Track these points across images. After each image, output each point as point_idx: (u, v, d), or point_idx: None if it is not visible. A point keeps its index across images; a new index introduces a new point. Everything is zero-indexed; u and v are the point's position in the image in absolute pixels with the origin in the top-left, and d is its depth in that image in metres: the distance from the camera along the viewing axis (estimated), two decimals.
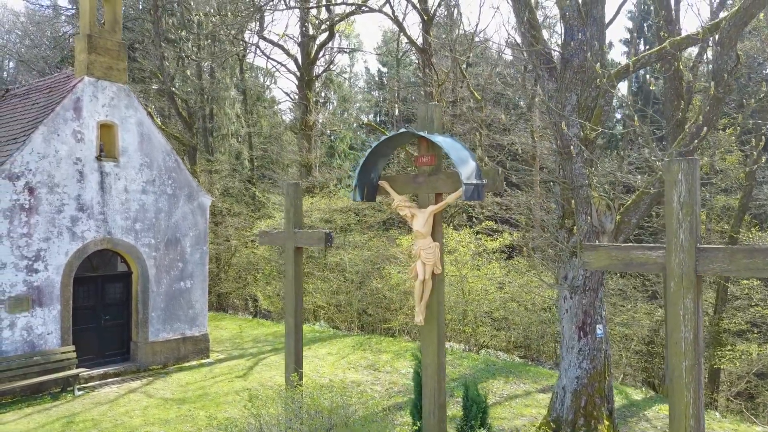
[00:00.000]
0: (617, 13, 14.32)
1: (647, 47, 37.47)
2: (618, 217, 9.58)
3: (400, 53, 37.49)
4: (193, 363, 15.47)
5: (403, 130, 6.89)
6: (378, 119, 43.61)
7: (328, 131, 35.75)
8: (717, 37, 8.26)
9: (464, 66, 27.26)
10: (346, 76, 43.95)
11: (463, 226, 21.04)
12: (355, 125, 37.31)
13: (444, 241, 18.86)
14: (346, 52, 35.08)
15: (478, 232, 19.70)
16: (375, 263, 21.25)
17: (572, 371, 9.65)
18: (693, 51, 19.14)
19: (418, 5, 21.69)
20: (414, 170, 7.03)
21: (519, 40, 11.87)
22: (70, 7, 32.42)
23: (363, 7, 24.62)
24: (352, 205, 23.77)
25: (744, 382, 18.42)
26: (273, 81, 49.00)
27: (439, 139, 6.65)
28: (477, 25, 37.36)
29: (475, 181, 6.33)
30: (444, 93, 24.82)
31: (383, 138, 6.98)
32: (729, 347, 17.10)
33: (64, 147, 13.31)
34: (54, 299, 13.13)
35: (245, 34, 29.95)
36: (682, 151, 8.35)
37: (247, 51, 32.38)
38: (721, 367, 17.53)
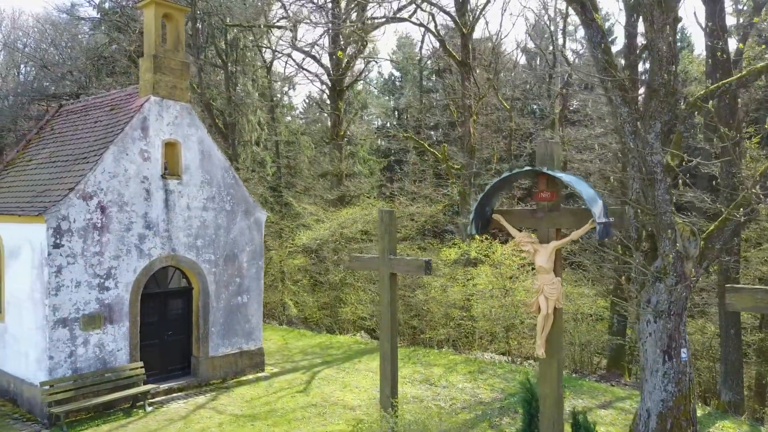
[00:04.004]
0: None
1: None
2: (701, 243, 9.74)
3: (423, 62, 37.68)
4: (251, 377, 15.63)
5: (527, 168, 7.07)
6: (390, 124, 43.76)
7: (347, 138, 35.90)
8: None
9: (493, 76, 27.50)
10: (362, 81, 44.07)
11: (510, 239, 21.19)
12: (378, 134, 37.43)
13: (490, 254, 19.03)
14: (376, 62, 35.22)
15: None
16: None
17: (657, 394, 9.81)
18: None
19: (458, 19, 21.86)
20: (534, 205, 7.20)
21: (593, 64, 12.06)
22: (97, 16, 32.52)
23: (397, 19, 24.82)
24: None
25: None
26: (292, 87, 49.10)
27: (564, 176, 6.83)
28: (499, 33, 37.43)
29: (605, 220, 6.51)
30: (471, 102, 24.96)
31: (504, 175, 7.16)
32: None
33: (132, 166, 13.49)
34: (123, 316, 13.32)
35: (275, 44, 30.12)
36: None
37: (275, 60, 32.58)
38: None
